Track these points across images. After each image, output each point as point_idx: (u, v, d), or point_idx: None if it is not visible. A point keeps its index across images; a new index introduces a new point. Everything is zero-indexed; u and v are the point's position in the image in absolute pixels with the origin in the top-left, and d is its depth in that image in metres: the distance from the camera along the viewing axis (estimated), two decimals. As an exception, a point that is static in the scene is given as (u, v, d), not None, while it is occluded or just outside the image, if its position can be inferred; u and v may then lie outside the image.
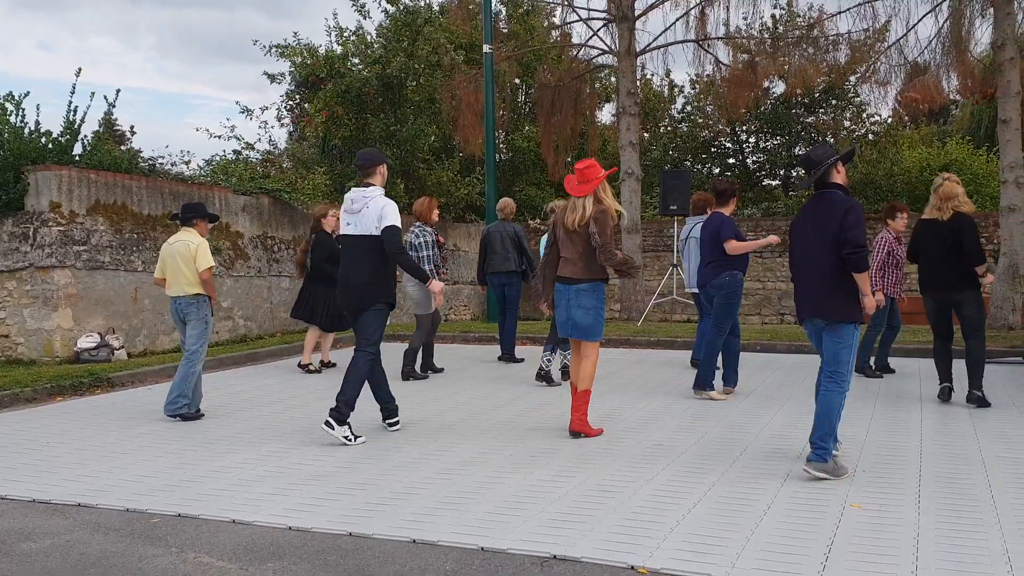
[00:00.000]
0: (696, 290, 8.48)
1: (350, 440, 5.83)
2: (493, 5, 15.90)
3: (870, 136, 24.88)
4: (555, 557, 3.67)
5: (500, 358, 10.03)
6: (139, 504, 4.54)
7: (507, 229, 9.67)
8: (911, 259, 7.38)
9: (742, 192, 25.59)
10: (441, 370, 9.20)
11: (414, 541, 3.91)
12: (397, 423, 6.32)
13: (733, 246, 7.31)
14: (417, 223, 8.87)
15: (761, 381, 8.22)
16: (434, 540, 3.90)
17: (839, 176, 5.08)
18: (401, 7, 19.11)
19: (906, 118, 23.61)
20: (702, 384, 7.44)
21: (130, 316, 10.42)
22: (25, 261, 9.76)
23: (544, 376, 8.17)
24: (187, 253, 6.87)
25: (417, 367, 8.85)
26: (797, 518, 4.11)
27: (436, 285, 6.52)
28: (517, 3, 21.82)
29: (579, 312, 5.92)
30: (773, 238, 7.82)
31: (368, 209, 5.92)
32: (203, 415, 6.93)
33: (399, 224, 5.97)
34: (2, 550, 3.92)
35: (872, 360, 8.59)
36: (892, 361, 8.78)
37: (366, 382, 6.06)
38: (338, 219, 7.95)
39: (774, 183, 26.86)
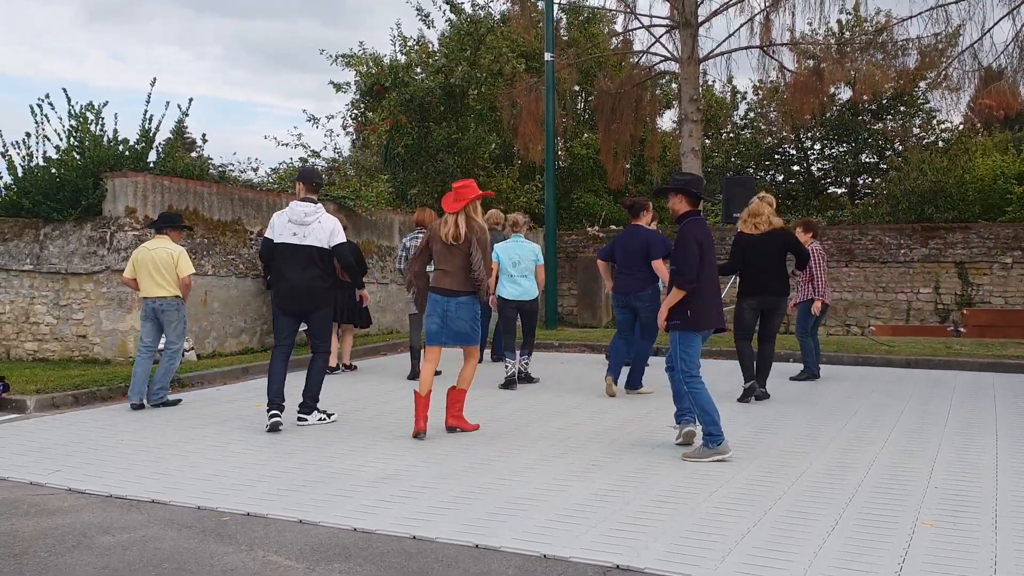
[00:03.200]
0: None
1: (326, 419, 6.83)
2: (554, 13, 15.94)
3: (940, 143, 24.19)
4: (618, 567, 3.66)
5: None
6: (210, 502, 4.67)
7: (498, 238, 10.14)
8: (730, 271, 7.91)
9: (806, 200, 25.15)
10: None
11: (477, 546, 3.94)
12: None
13: (659, 267, 7.71)
14: (417, 228, 9.24)
15: (826, 393, 8.06)
16: (496, 545, 3.93)
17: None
18: (464, 17, 19.30)
19: (979, 125, 22.90)
20: (635, 384, 8.12)
21: (200, 319, 10.71)
22: (102, 264, 10.12)
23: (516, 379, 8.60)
24: (168, 260, 7.63)
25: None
26: (867, 534, 4.02)
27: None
28: (578, 11, 21.83)
29: (459, 322, 6.31)
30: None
31: (320, 224, 6.63)
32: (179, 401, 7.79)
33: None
34: (83, 543, 4.08)
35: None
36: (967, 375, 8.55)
37: (275, 375, 6.73)
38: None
39: (840, 191, 26.31)
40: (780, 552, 3.78)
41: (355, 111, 19.88)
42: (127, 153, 10.62)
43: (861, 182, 26.11)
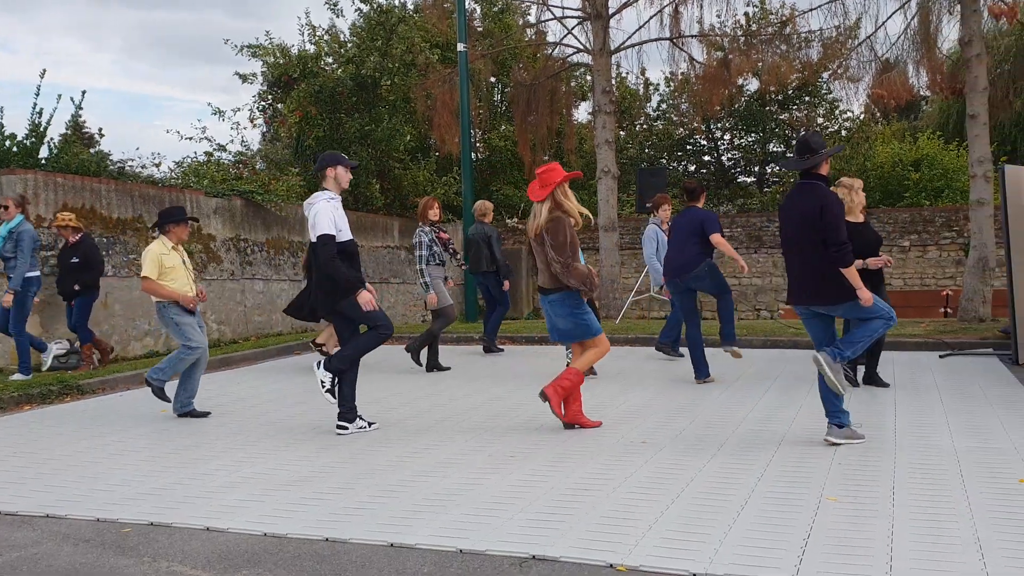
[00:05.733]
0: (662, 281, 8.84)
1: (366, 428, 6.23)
2: (467, 3, 15.85)
3: (843, 132, 25.11)
4: (534, 557, 3.65)
5: (485, 349, 10.65)
6: (110, 514, 4.46)
7: (481, 231, 10.27)
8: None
9: (717, 189, 25.77)
10: (448, 368, 9.28)
11: (391, 545, 3.87)
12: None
13: (718, 240, 7.78)
14: (419, 224, 9.30)
15: (738, 375, 8.25)
16: (412, 543, 3.86)
17: (825, 167, 5.34)
18: (375, 6, 19.01)
19: (877, 114, 23.88)
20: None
21: (100, 322, 10.26)
22: (-8, 267, 9.57)
23: None
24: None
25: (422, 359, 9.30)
26: (775, 512, 4.11)
27: (363, 296, 5.88)
28: (492, 1, 21.78)
29: (559, 320, 6.05)
30: (743, 267, 8.51)
31: (310, 216, 5.90)
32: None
33: (332, 231, 5.80)
34: (-32, 563, 3.84)
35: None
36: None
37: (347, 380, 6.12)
38: None
39: (749, 180, 27.03)
40: (692, 533, 3.83)
41: (263, 103, 19.38)
42: (15, 149, 10.08)
43: (769, 171, 26.90)
